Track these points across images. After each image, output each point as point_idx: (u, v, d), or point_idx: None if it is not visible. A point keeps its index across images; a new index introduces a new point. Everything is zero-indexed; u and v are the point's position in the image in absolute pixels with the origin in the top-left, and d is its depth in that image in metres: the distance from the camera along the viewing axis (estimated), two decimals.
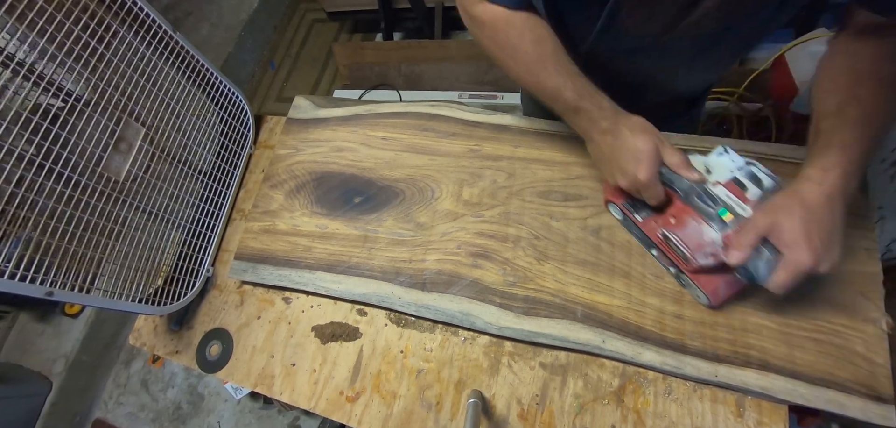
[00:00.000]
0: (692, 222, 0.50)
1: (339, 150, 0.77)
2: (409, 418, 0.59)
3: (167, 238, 0.70)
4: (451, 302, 0.61)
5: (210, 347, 0.71)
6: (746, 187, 0.48)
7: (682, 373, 0.52)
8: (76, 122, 0.55)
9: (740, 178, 0.49)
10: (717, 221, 0.48)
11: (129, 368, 1.74)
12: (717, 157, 0.51)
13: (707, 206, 0.49)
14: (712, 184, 0.50)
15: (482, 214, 0.66)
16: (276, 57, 2.33)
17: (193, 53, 0.73)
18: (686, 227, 0.50)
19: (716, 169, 0.51)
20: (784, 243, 0.42)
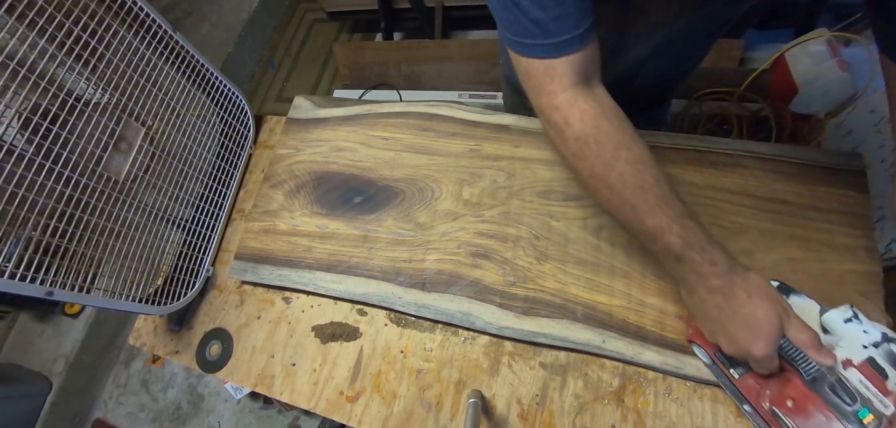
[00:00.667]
0: (819, 416, 0.41)
1: (339, 150, 0.77)
2: (409, 418, 0.59)
3: (167, 238, 0.70)
4: (451, 302, 0.61)
5: (210, 347, 0.71)
6: (887, 374, 0.40)
7: (683, 373, 0.52)
8: (76, 122, 0.55)
9: (877, 360, 0.41)
10: (856, 423, 0.40)
11: (129, 368, 1.74)
12: (843, 324, 0.43)
13: (842, 403, 0.40)
14: (840, 362, 0.42)
15: (482, 213, 0.66)
16: (276, 57, 2.32)
17: (193, 53, 0.73)
18: (810, 417, 0.42)
19: (844, 340, 0.43)
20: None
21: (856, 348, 0.42)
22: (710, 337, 0.48)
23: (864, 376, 0.40)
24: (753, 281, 0.43)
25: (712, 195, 0.60)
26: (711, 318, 0.46)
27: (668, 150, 0.64)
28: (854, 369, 0.41)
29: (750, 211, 0.58)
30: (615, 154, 0.43)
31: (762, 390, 0.46)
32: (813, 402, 0.42)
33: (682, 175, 0.62)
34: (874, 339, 0.42)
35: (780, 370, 0.44)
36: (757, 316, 0.42)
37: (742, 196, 0.60)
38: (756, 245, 0.56)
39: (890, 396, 0.39)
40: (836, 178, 0.58)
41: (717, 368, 0.50)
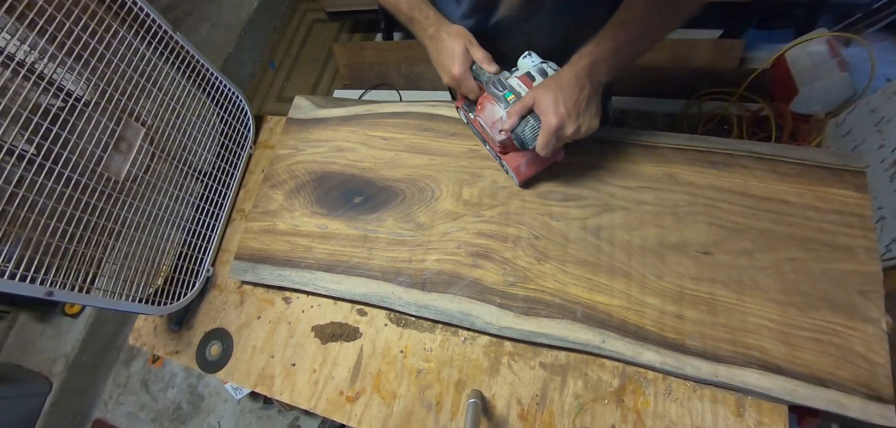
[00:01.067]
0: (489, 106, 0.59)
1: (339, 150, 0.77)
2: (409, 418, 0.59)
3: (167, 238, 0.70)
4: (451, 302, 0.61)
5: (210, 347, 0.71)
6: (535, 78, 0.58)
7: (682, 373, 0.52)
8: (76, 122, 0.55)
9: (532, 72, 0.58)
10: (504, 102, 0.57)
11: (129, 368, 1.74)
12: (522, 60, 0.61)
13: (498, 91, 0.58)
14: (512, 77, 0.59)
15: (482, 213, 0.66)
16: (276, 57, 2.32)
17: (193, 53, 0.73)
18: (485, 110, 0.60)
19: (520, 67, 0.61)
20: (541, 112, 0.52)
21: (524, 69, 0.59)
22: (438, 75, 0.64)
23: (520, 81, 0.58)
24: (453, 26, 0.61)
25: (712, 195, 0.60)
26: (433, 60, 0.64)
27: (668, 150, 0.64)
28: (516, 78, 0.58)
29: (750, 211, 0.58)
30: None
31: (477, 113, 0.62)
32: (487, 98, 0.60)
33: (682, 175, 0.62)
34: (536, 63, 0.59)
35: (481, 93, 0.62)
36: (452, 47, 0.59)
37: (742, 196, 0.60)
38: (756, 245, 0.56)
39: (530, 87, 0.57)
40: (836, 178, 0.58)
41: (468, 122, 0.70)
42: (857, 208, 0.56)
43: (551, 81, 0.52)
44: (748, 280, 0.55)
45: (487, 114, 0.60)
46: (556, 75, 0.53)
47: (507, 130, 0.55)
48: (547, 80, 0.54)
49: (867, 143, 1.16)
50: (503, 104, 0.57)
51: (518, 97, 0.57)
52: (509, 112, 0.55)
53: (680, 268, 0.57)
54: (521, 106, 0.54)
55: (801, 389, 0.49)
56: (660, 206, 0.61)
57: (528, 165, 0.62)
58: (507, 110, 0.56)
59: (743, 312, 0.53)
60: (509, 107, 0.56)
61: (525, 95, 0.55)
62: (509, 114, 0.55)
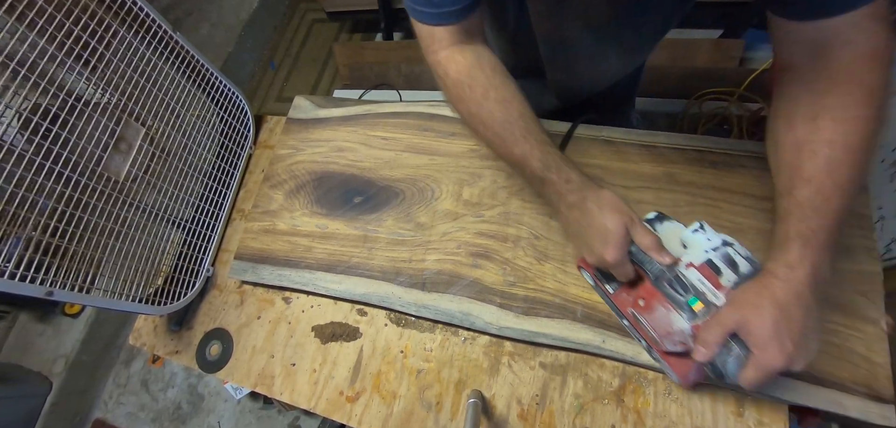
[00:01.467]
0: (661, 308, 0.48)
1: (339, 150, 0.77)
2: (409, 418, 0.59)
3: (167, 238, 0.70)
4: (451, 302, 0.61)
5: (210, 347, 0.71)
6: (721, 272, 0.46)
7: None
8: (76, 122, 0.55)
9: (715, 261, 0.47)
10: (687, 311, 0.46)
11: (129, 368, 1.74)
12: (692, 234, 0.50)
13: (677, 294, 0.46)
14: (685, 266, 0.48)
15: (482, 213, 0.66)
16: (276, 57, 2.32)
17: (193, 53, 0.73)
18: (655, 312, 0.48)
19: (691, 247, 0.49)
20: (754, 343, 0.40)
21: (699, 253, 0.48)
22: (577, 252, 0.53)
23: (701, 275, 0.46)
24: (604, 196, 0.49)
25: (712, 195, 0.60)
26: (573, 233, 0.53)
27: (668, 150, 0.64)
28: (694, 269, 0.47)
29: (750, 211, 0.58)
30: (485, 94, 0.50)
31: (627, 299, 0.52)
32: (656, 297, 0.48)
33: (682, 175, 0.62)
34: (714, 244, 0.48)
35: (639, 279, 0.51)
36: (606, 225, 0.47)
37: (742, 196, 0.60)
38: (756, 245, 0.56)
39: (722, 290, 0.45)
40: None
41: (598, 287, 0.56)
42: (857, 208, 0.56)
43: (765, 301, 0.40)
44: None
45: (660, 320, 0.47)
46: (767, 289, 0.40)
47: (702, 361, 0.43)
48: (755, 292, 0.41)
49: None
50: (686, 314, 0.45)
51: (707, 306, 0.45)
52: (705, 337, 0.43)
53: None
54: (722, 330, 0.42)
55: (801, 389, 0.49)
56: (660, 207, 0.61)
57: (697, 373, 0.48)
58: (695, 324, 0.45)
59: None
60: (695, 318, 0.45)
61: (725, 313, 0.42)
62: (705, 340, 0.42)
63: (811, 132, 0.40)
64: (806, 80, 0.41)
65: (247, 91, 2.21)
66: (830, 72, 0.39)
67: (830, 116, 0.39)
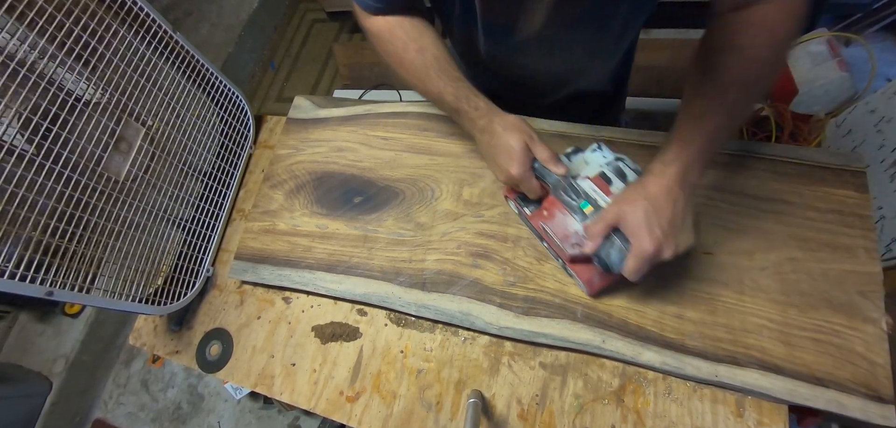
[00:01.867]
0: (559, 214, 0.53)
1: (339, 150, 0.77)
2: (409, 418, 0.59)
3: (167, 238, 0.70)
4: (451, 302, 0.61)
5: (210, 347, 0.71)
6: (611, 181, 0.52)
7: (683, 373, 0.52)
8: (76, 122, 0.55)
9: (607, 173, 0.52)
10: (579, 213, 0.51)
11: (129, 368, 1.74)
12: (591, 153, 0.55)
13: (570, 200, 0.51)
14: (582, 178, 0.53)
15: (482, 213, 0.66)
16: (276, 57, 2.32)
17: (193, 53, 0.73)
18: (555, 219, 0.53)
19: (590, 163, 0.55)
20: (630, 232, 0.45)
21: (595, 167, 0.54)
22: (493, 176, 0.58)
23: (594, 184, 0.52)
24: (509, 119, 0.54)
25: (712, 195, 0.60)
26: (485, 155, 0.57)
27: None
28: (588, 180, 0.52)
29: (750, 211, 0.58)
30: (404, 46, 0.56)
31: (539, 214, 0.56)
32: (556, 205, 0.53)
33: None
34: (608, 160, 0.54)
35: (545, 194, 0.55)
36: (510, 143, 0.52)
37: (742, 196, 0.60)
38: (756, 245, 0.56)
39: (611, 197, 0.50)
40: (836, 178, 0.58)
41: (520, 213, 0.60)
42: (857, 208, 0.56)
43: (638, 195, 0.45)
44: (748, 280, 0.55)
45: (558, 225, 0.52)
46: (642, 186, 0.45)
47: (590, 251, 0.48)
48: (631, 190, 0.46)
49: (867, 143, 1.16)
50: (578, 216, 0.50)
51: (596, 208, 0.50)
52: (590, 230, 0.48)
53: (680, 268, 0.57)
54: (605, 224, 0.46)
55: (801, 389, 0.49)
56: None
57: (601, 278, 0.53)
58: (584, 225, 0.49)
59: (743, 312, 0.53)
60: (587, 221, 0.49)
61: (607, 209, 0.47)
62: (590, 232, 0.48)
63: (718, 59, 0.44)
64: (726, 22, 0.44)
65: (247, 91, 2.21)
66: (749, 16, 0.42)
67: (736, 51, 0.43)
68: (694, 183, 0.45)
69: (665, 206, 0.44)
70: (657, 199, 0.44)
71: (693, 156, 0.44)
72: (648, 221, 0.44)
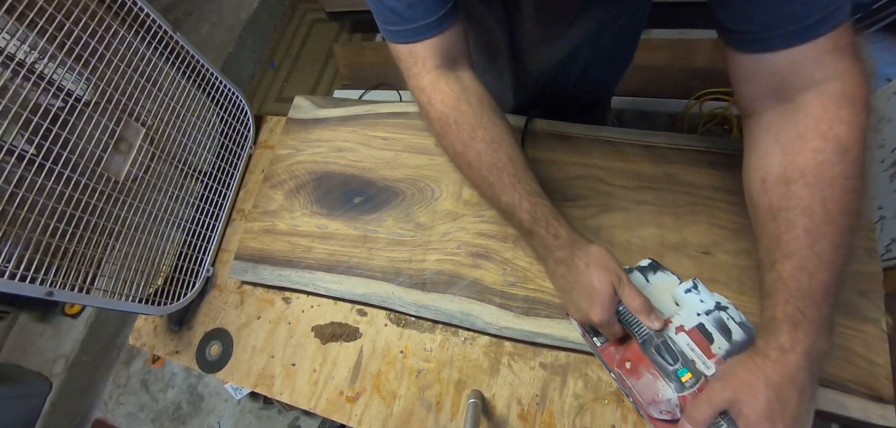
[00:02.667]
0: (647, 375, 0.46)
1: (339, 150, 0.77)
2: (409, 418, 0.59)
3: (167, 238, 0.70)
4: (451, 302, 0.61)
5: (210, 347, 0.71)
6: (713, 339, 0.44)
7: None
8: (76, 122, 0.55)
9: (707, 326, 0.45)
10: (675, 381, 0.43)
11: (129, 368, 1.74)
12: (684, 294, 0.48)
13: (665, 362, 0.44)
14: (675, 329, 0.46)
15: (482, 214, 0.66)
16: (276, 57, 2.32)
17: (193, 53, 0.73)
18: (642, 377, 0.46)
19: (683, 307, 0.47)
20: (746, 425, 0.38)
21: (691, 316, 0.46)
22: (565, 306, 0.52)
23: (691, 340, 0.44)
24: (593, 252, 0.47)
25: (712, 195, 0.60)
26: (560, 288, 0.51)
27: (668, 150, 0.64)
28: (684, 333, 0.45)
29: None
30: (472, 134, 0.47)
31: (615, 355, 0.50)
32: (643, 362, 0.46)
33: (682, 175, 0.62)
34: (708, 307, 0.47)
35: (627, 336, 0.48)
36: (593, 284, 0.45)
37: (742, 196, 0.59)
38: None
39: (712, 358, 0.44)
40: None
41: (586, 338, 0.54)
42: None
43: (757, 378, 0.37)
44: (748, 280, 0.55)
45: (645, 386, 0.45)
46: (762, 370, 0.37)
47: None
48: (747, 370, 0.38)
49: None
50: (674, 384, 0.43)
51: (695, 374, 0.43)
52: (693, 414, 0.40)
53: (680, 268, 0.57)
54: (712, 409, 0.39)
55: None
56: (660, 206, 0.61)
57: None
58: (681, 395, 0.42)
59: (743, 312, 0.53)
60: (683, 389, 0.43)
61: (714, 390, 0.40)
62: (693, 417, 0.40)
63: (785, 198, 0.36)
64: (773, 130, 0.37)
65: (247, 91, 2.21)
66: (798, 123, 0.35)
67: (803, 181, 0.35)
68: (824, 355, 0.37)
69: (791, 398, 0.36)
70: (781, 390, 0.36)
71: (813, 331, 0.36)
72: (771, 416, 0.36)
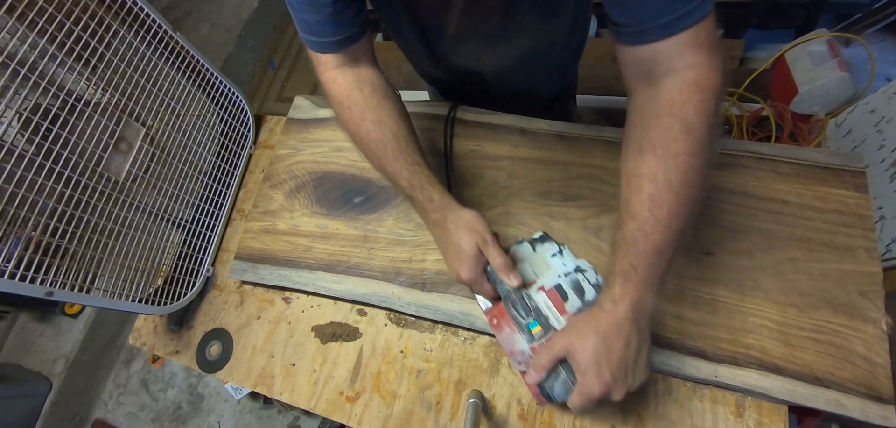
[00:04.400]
0: (507, 329, 0.50)
1: (339, 150, 0.77)
2: (409, 418, 0.59)
3: (167, 238, 0.70)
4: (451, 302, 0.61)
5: (210, 347, 0.71)
6: (567, 297, 0.49)
7: (682, 373, 0.52)
8: (76, 122, 0.55)
9: (564, 287, 0.50)
10: (527, 333, 0.48)
11: (129, 368, 1.74)
12: (551, 257, 0.53)
13: (519, 317, 0.49)
14: (537, 288, 0.50)
15: (482, 213, 0.66)
16: (276, 57, 2.32)
17: (193, 53, 0.73)
18: (503, 331, 0.51)
19: (549, 270, 0.52)
20: (578, 369, 0.43)
21: (553, 278, 0.51)
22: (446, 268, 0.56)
23: (548, 299, 0.50)
24: (463, 216, 0.51)
25: (712, 195, 0.60)
26: (439, 249, 0.57)
27: None
28: (543, 293, 0.50)
29: (750, 211, 0.58)
30: (362, 115, 0.53)
31: (490, 319, 0.54)
32: (505, 317, 0.51)
33: None
34: (567, 270, 0.52)
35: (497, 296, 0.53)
36: (461, 245, 0.50)
37: (742, 196, 0.60)
38: (756, 245, 0.56)
39: (565, 315, 0.49)
40: (836, 178, 0.58)
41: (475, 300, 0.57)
42: (857, 208, 0.56)
43: (590, 328, 0.42)
44: (748, 280, 0.55)
45: (505, 338, 0.50)
46: (594, 318, 0.42)
47: (530, 383, 0.46)
48: (583, 321, 0.43)
49: (867, 143, 1.16)
50: (526, 336, 0.48)
51: (546, 329, 0.48)
52: (536, 361, 0.45)
53: (680, 267, 0.57)
54: (551, 357, 0.44)
55: (801, 389, 0.49)
56: None
57: None
58: (532, 347, 0.48)
59: (743, 312, 0.53)
60: (533, 341, 0.48)
61: (555, 341, 0.44)
62: (535, 363, 0.45)
63: (638, 165, 0.41)
64: (639, 109, 0.42)
65: (247, 91, 2.21)
66: (656, 103, 0.40)
67: (653, 152, 0.40)
68: (651, 311, 0.42)
69: (616, 345, 0.41)
70: (608, 338, 0.41)
71: (641, 286, 0.41)
72: (598, 361, 0.41)
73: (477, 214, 0.51)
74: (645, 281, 0.41)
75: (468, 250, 0.50)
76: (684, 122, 0.38)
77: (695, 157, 0.39)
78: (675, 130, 0.39)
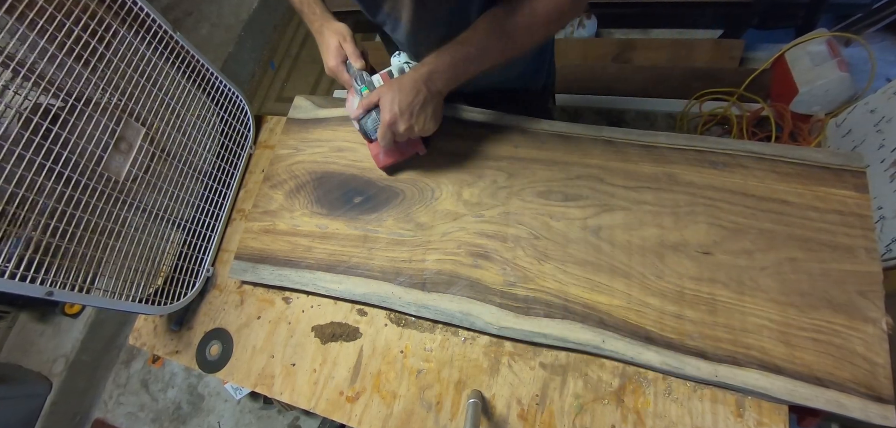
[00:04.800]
0: (350, 98, 0.67)
1: (339, 150, 0.77)
2: (409, 418, 0.59)
3: (167, 238, 0.70)
4: (451, 302, 0.61)
5: (210, 347, 0.71)
6: (393, 75, 0.65)
7: (683, 373, 0.52)
8: (76, 122, 0.55)
9: (393, 71, 0.67)
10: (359, 96, 0.63)
11: (129, 368, 1.74)
12: (395, 58, 0.68)
13: (357, 86, 0.64)
14: (378, 75, 0.66)
15: (482, 214, 0.66)
16: (276, 57, 2.32)
17: (193, 53, 0.73)
18: (348, 101, 0.68)
19: (392, 66, 0.68)
20: (380, 107, 0.59)
21: (390, 67, 0.67)
22: None
23: (382, 78, 0.65)
24: (334, 24, 0.66)
25: (712, 195, 0.60)
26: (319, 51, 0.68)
27: (668, 150, 0.64)
28: (378, 75, 0.66)
29: (750, 211, 0.58)
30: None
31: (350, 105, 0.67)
32: (351, 90, 0.66)
33: (682, 175, 0.62)
34: (400, 64, 0.67)
35: None
36: (327, 41, 0.65)
37: (742, 196, 0.60)
38: (756, 245, 0.56)
39: None
40: (836, 178, 0.58)
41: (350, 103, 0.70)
42: (857, 208, 0.56)
43: (394, 82, 0.58)
44: (748, 280, 0.55)
45: (348, 104, 0.67)
46: (400, 77, 0.58)
47: (353, 118, 0.63)
48: (392, 80, 0.60)
49: (867, 143, 1.16)
50: (358, 98, 0.63)
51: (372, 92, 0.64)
52: (359, 104, 0.62)
53: (680, 268, 0.57)
54: (368, 101, 0.61)
55: (801, 389, 0.49)
56: (660, 206, 0.61)
57: (386, 155, 0.68)
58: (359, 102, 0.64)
59: (743, 312, 0.53)
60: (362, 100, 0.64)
61: (372, 93, 0.61)
62: (359, 106, 0.62)
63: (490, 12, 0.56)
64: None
65: (247, 91, 2.21)
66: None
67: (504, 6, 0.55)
68: (440, 89, 0.58)
69: (407, 93, 0.56)
70: (404, 87, 0.57)
71: (442, 66, 0.56)
72: (391, 101, 0.57)
73: (344, 24, 0.66)
74: (444, 63, 0.56)
75: (332, 44, 0.64)
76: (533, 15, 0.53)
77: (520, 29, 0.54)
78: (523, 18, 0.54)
